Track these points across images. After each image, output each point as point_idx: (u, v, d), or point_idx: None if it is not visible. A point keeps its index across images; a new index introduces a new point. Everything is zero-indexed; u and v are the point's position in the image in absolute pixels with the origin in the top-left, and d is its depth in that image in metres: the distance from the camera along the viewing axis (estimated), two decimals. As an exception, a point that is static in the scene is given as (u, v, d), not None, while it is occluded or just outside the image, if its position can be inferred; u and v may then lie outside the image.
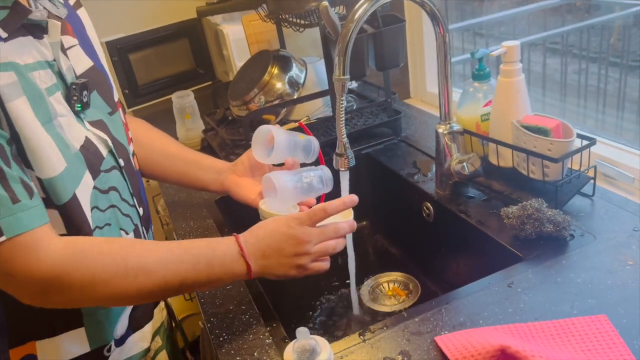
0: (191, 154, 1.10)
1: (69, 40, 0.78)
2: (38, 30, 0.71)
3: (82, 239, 0.71)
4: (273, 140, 0.97)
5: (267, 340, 0.80)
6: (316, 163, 1.04)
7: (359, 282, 1.20)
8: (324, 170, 0.99)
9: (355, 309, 1.12)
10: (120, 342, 0.84)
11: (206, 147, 1.52)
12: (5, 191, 0.62)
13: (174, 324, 1.06)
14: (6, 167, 0.63)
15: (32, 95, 0.67)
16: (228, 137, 1.42)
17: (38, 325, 0.77)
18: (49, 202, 0.70)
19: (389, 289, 1.19)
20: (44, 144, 0.68)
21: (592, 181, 0.99)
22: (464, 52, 1.97)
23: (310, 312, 1.17)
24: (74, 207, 0.72)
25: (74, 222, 0.73)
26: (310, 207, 1.00)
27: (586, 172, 0.99)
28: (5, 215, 0.62)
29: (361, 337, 0.78)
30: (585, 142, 0.97)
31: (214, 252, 0.77)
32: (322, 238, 0.82)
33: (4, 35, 0.66)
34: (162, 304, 0.98)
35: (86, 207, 0.74)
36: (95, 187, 0.76)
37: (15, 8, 0.67)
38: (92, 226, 0.75)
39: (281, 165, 1.02)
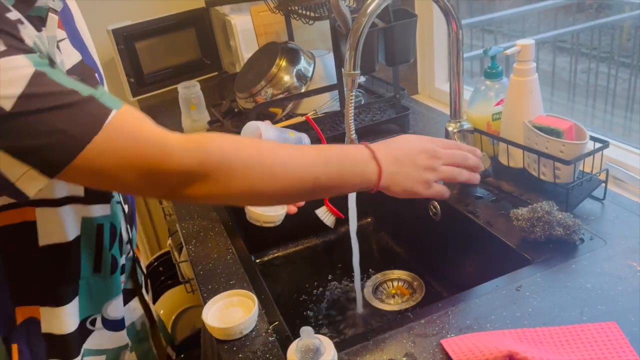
0: None
1: (60, 33, 0.75)
2: (38, 22, 0.68)
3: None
4: (261, 137, 0.96)
5: (270, 338, 0.79)
6: None
7: (363, 280, 1.19)
8: (303, 137, 1.02)
9: (359, 307, 1.11)
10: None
11: (211, 139, 1.50)
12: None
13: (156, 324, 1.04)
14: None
15: None
16: (234, 129, 1.40)
17: (39, 288, 0.76)
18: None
19: (393, 288, 1.17)
20: None
21: (603, 184, 0.97)
22: (472, 49, 1.94)
23: (313, 309, 1.16)
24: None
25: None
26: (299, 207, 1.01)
27: (598, 175, 0.97)
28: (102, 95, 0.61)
29: (366, 337, 0.77)
30: (597, 145, 0.95)
31: (345, 152, 0.78)
32: (451, 161, 0.83)
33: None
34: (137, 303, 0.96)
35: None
36: None
37: None
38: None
39: None
